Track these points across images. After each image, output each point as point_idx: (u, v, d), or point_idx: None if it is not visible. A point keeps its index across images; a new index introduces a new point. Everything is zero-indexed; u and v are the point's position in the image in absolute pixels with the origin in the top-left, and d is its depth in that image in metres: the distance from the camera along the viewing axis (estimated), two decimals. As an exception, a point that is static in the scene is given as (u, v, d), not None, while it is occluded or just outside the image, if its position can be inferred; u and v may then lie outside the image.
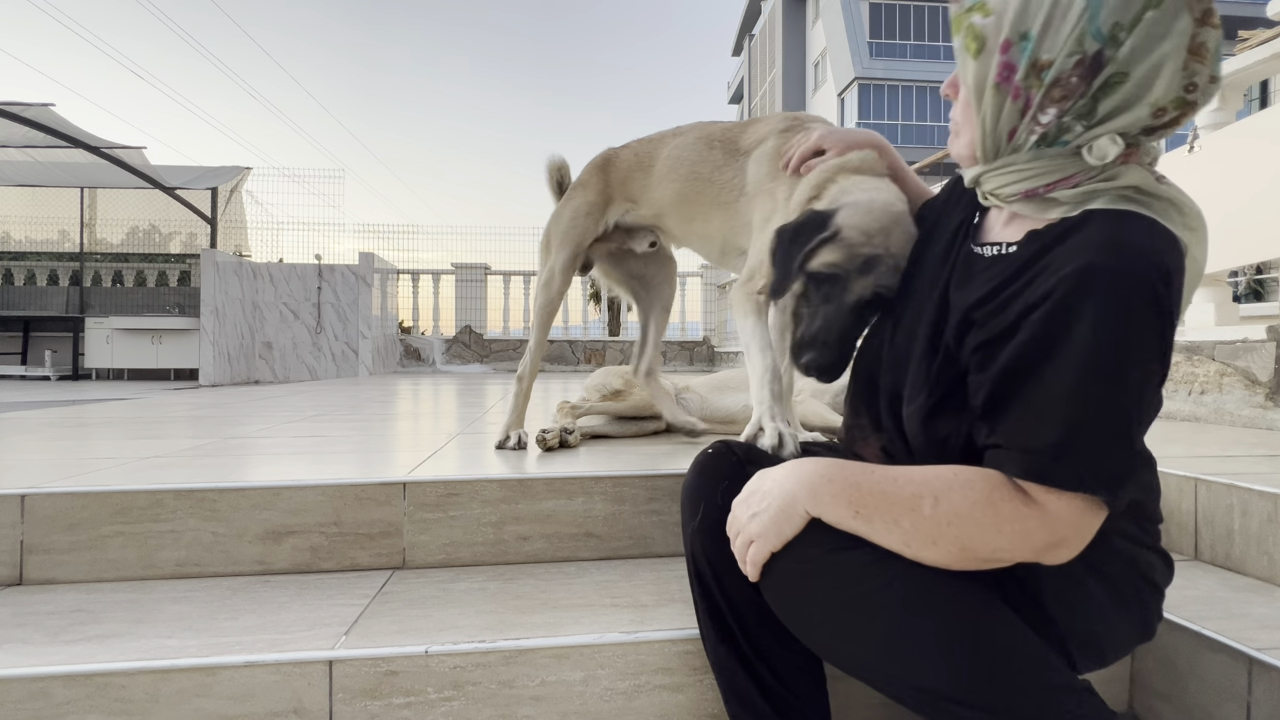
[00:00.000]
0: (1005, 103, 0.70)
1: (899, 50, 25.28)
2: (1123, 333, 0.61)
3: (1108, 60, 0.64)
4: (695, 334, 9.82)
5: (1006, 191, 0.74)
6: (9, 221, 9.12)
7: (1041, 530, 0.66)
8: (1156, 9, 0.62)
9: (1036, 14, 0.65)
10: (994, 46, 0.68)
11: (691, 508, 0.93)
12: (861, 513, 0.71)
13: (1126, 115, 0.66)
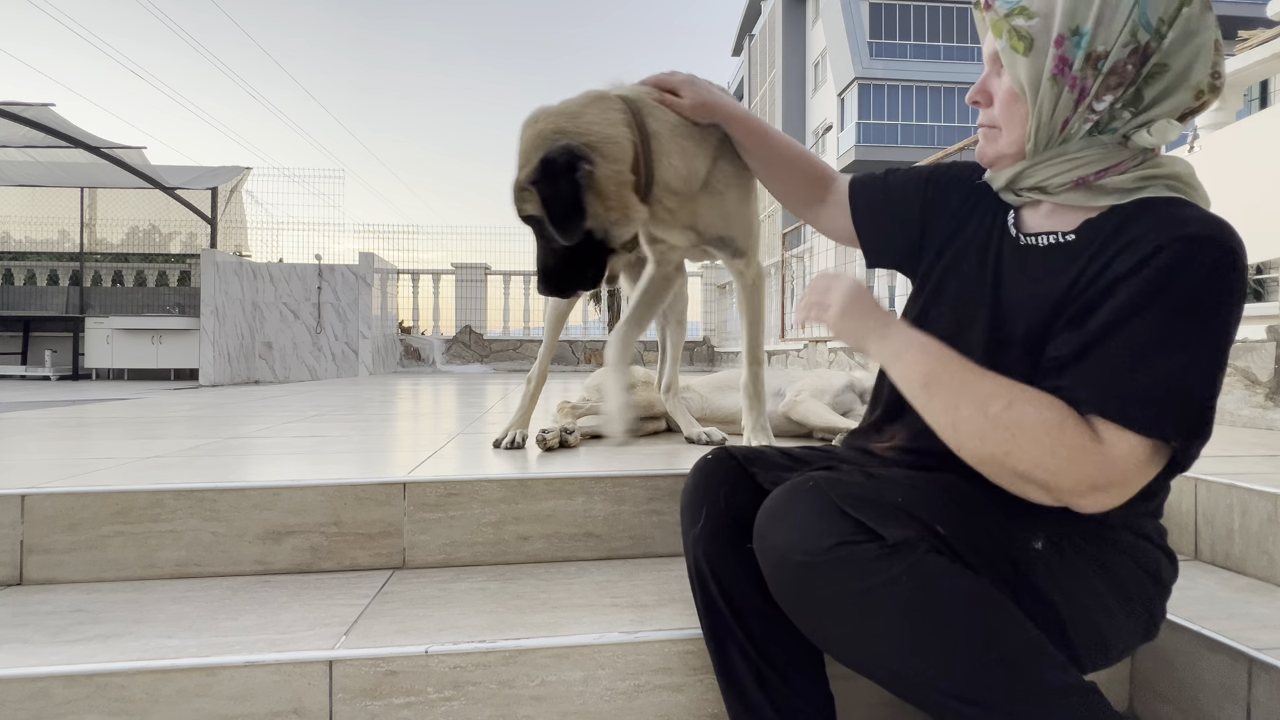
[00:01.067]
0: (1062, 93, 0.73)
1: (899, 50, 25.27)
2: (1218, 298, 0.65)
3: (1154, 51, 0.69)
4: (695, 334, 9.82)
5: (1057, 181, 0.76)
6: (9, 221, 9.12)
7: (1098, 468, 0.66)
8: (1190, 6, 0.68)
9: (1088, 11, 0.69)
10: (1045, 44, 0.72)
11: (693, 512, 0.93)
12: (931, 385, 0.72)
13: (1169, 101, 0.71)
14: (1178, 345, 0.66)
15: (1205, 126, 2.73)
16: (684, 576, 1.26)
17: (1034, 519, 0.77)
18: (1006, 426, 0.68)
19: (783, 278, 7.23)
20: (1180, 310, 0.66)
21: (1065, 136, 0.75)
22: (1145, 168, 0.73)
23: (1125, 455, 0.66)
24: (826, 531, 0.73)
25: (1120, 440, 0.66)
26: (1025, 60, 0.73)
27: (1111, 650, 0.81)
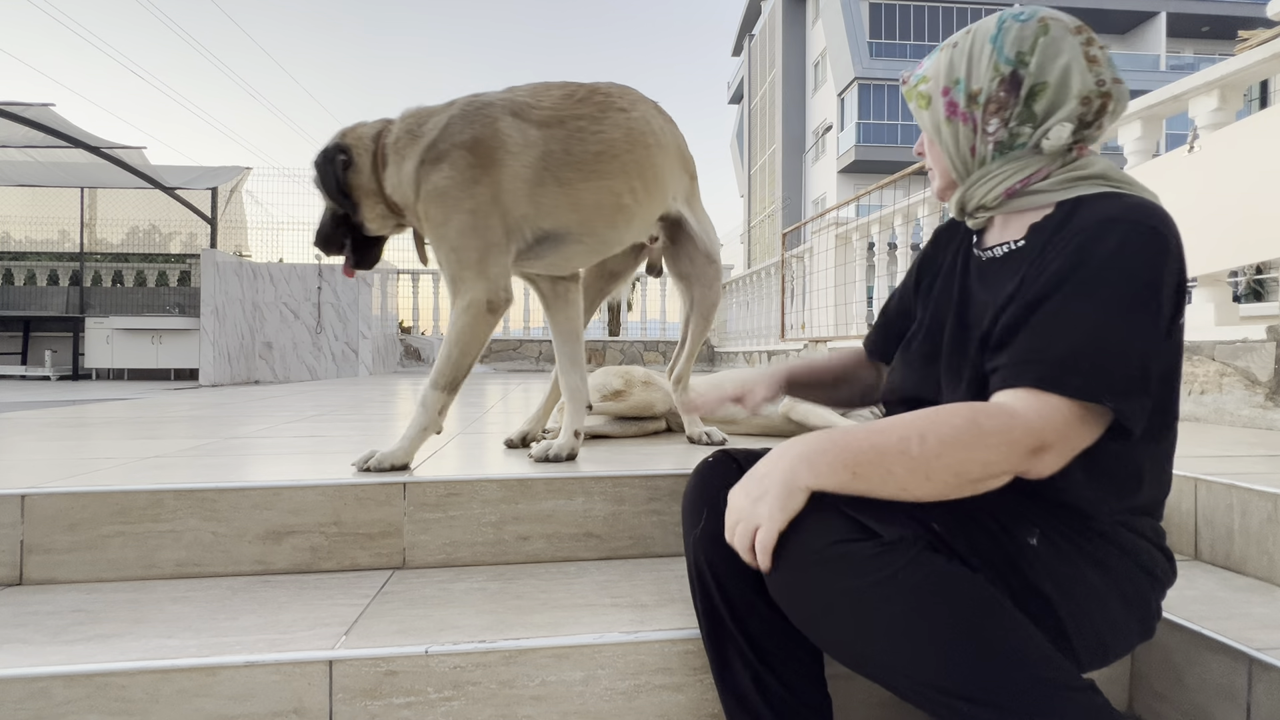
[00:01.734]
0: (959, 128, 0.86)
1: (899, 50, 25.26)
2: (1132, 267, 0.71)
3: (1024, 75, 0.80)
4: (695, 334, 9.80)
5: (990, 197, 0.85)
6: (9, 221, 9.12)
7: (1027, 434, 0.70)
8: (1046, 35, 0.80)
9: (960, 65, 0.84)
10: (937, 97, 0.87)
11: (694, 514, 0.93)
12: (859, 472, 0.73)
13: (1061, 110, 0.80)
14: (1090, 312, 0.71)
15: (1205, 126, 2.73)
16: (684, 576, 1.26)
17: (1029, 516, 0.78)
18: (936, 455, 0.71)
19: (782, 278, 7.23)
20: (1093, 282, 0.71)
21: (980, 159, 0.86)
22: (1069, 170, 0.82)
23: (1049, 416, 0.70)
24: (823, 530, 0.74)
25: (1040, 403, 0.70)
26: (927, 113, 0.89)
27: (1110, 649, 0.82)
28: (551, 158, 1.42)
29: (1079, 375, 0.69)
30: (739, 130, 36.85)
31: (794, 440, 0.78)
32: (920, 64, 0.91)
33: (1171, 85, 2.86)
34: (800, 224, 7.30)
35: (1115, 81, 0.80)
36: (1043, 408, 0.70)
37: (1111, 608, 0.79)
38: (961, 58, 0.84)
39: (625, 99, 1.56)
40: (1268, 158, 2.38)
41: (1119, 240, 0.72)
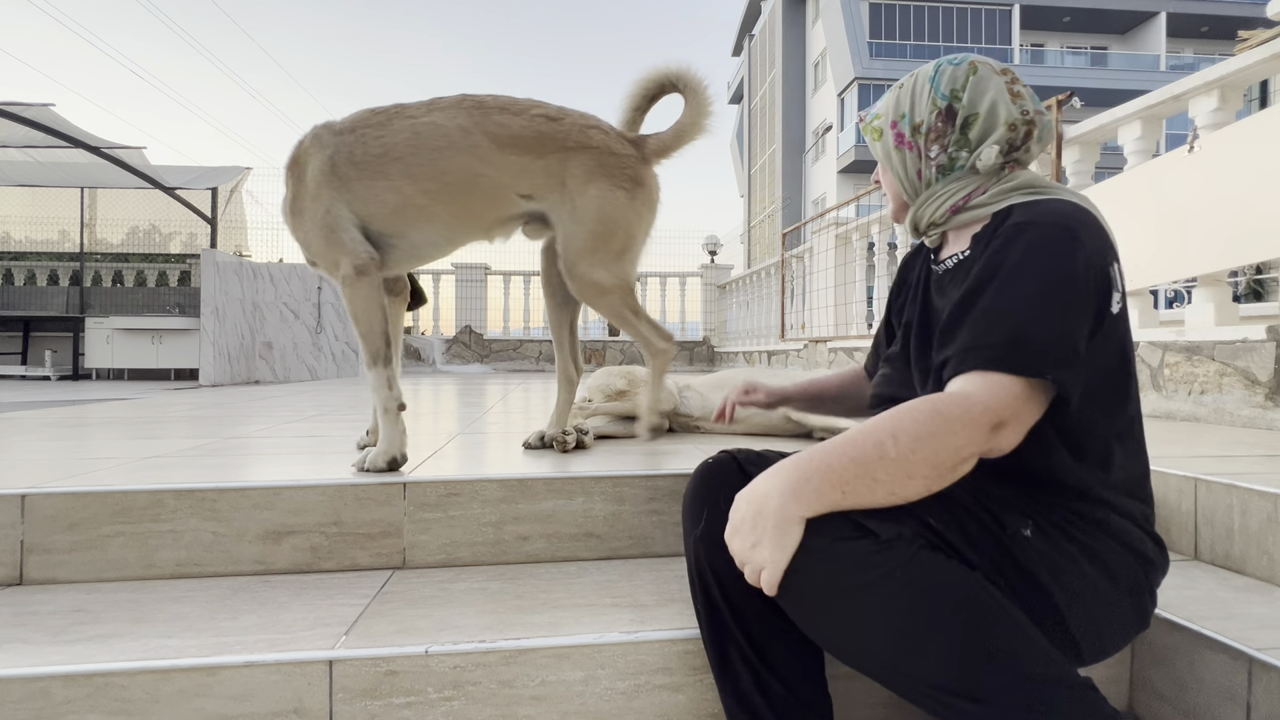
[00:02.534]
0: (906, 155, 0.97)
1: (899, 50, 25.25)
2: (1048, 260, 0.79)
3: (958, 108, 0.92)
4: (695, 334, 9.82)
5: (939, 214, 0.96)
6: (9, 221, 9.11)
7: (985, 413, 0.74)
8: (975, 75, 0.92)
9: (905, 102, 0.97)
10: (887, 130, 0.99)
11: (694, 514, 0.94)
12: (847, 489, 0.75)
13: (992, 136, 0.91)
14: (1017, 301, 0.78)
15: (1205, 127, 2.72)
16: (684, 576, 1.26)
17: (1020, 507, 0.81)
18: (912, 451, 0.74)
19: (782, 278, 7.23)
20: (1014, 275, 0.79)
21: (925, 181, 0.97)
22: (1001, 183, 0.92)
23: (1000, 393, 0.75)
24: (821, 528, 0.75)
25: (990, 383, 0.76)
26: (880, 144, 1.01)
27: (1107, 639, 0.83)
28: (338, 158, 1.54)
29: (1018, 353, 0.75)
30: (739, 130, 36.85)
31: (774, 473, 0.78)
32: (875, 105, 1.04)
33: (1171, 85, 2.86)
34: (800, 224, 7.30)
35: (1038, 113, 0.93)
36: (993, 387, 0.75)
37: (1106, 595, 0.80)
38: (906, 96, 0.97)
39: (426, 107, 1.59)
40: (1267, 158, 2.38)
41: (1030, 239, 0.80)
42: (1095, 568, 0.80)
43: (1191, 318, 2.69)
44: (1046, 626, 0.79)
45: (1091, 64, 26.29)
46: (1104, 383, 0.82)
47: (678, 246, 12.26)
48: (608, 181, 1.61)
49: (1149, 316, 3.00)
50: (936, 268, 0.99)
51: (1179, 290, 9.73)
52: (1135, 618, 0.84)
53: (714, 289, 9.84)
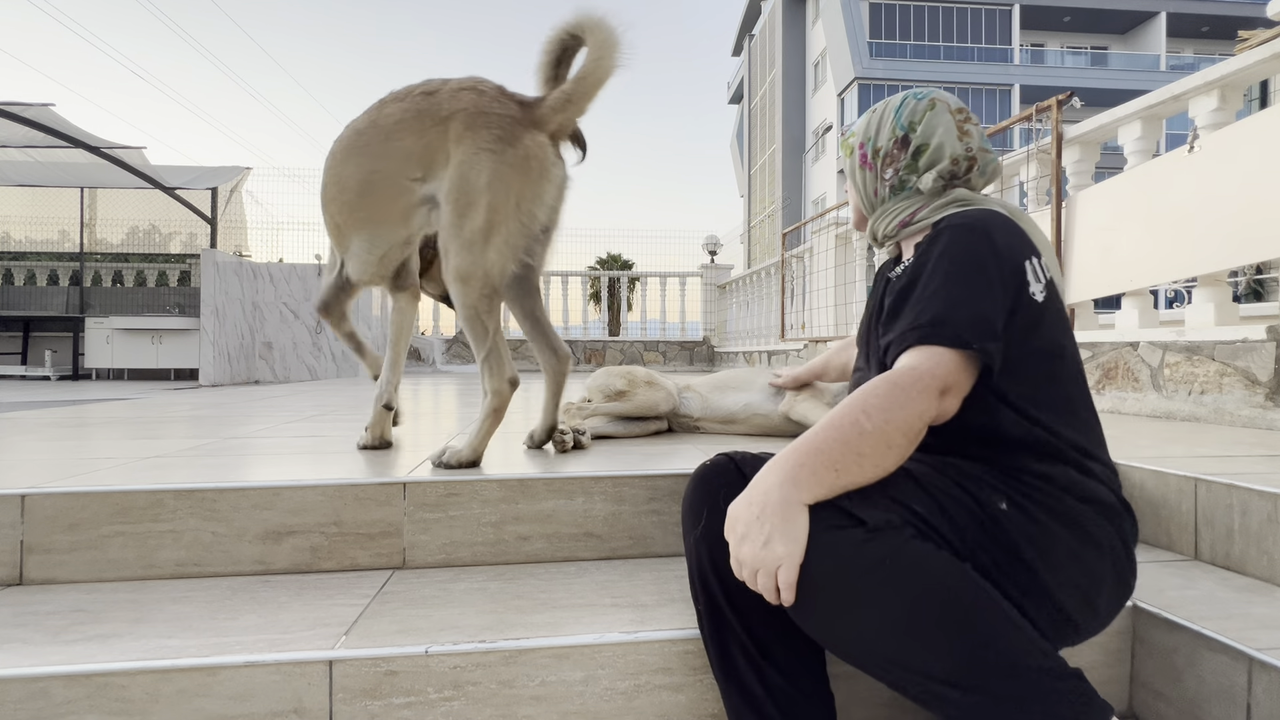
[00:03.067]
0: (866, 175, 1.11)
1: (899, 50, 25.26)
2: (962, 251, 0.90)
3: (913, 138, 1.05)
4: (695, 334, 9.82)
5: (890, 228, 1.09)
6: (9, 221, 9.11)
7: (933, 380, 0.83)
8: (932, 111, 1.06)
9: (874, 127, 1.10)
10: (856, 149, 1.13)
11: (694, 515, 0.95)
12: (839, 467, 0.80)
13: (937, 167, 1.04)
14: (941, 287, 0.88)
15: (1205, 126, 2.72)
16: (684, 576, 1.26)
17: (991, 482, 0.87)
18: (885, 422, 0.81)
19: (782, 278, 7.23)
20: (936, 270, 0.90)
21: (881, 198, 1.10)
22: (940, 199, 1.04)
23: (940, 362, 0.84)
24: (814, 518, 0.78)
25: (930, 354, 0.85)
26: (850, 160, 1.15)
27: (1099, 606, 0.87)
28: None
29: (948, 329, 0.85)
30: (739, 130, 36.84)
31: (769, 470, 0.81)
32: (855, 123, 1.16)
33: (1171, 85, 2.86)
34: (800, 224, 7.30)
35: (982, 150, 1.06)
36: (934, 357, 0.84)
37: (1087, 560, 0.85)
38: (875, 121, 1.10)
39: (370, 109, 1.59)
40: (1267, 158, 2.38)
41: (950, 239, 0.92)
42: (1071, 532, 0.85)
43: (1191, 318, 2.69)
44: (1037, 602, 0.83)
45: (1091, 64, 26.30)
46: (1040, 361, 0.90)
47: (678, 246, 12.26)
48: (472, 143, 1.39)
49: (1149, 316, 3.00)
50: (891, 276, 1.10)
51: (1179, 290, 9.73)
52: (1117, 581, 0.88)
53: (714, 289, 9.84)
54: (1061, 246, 3.37)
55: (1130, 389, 2.81)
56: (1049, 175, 3.50)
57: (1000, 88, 25.29)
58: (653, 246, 17.28)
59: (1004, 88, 25.30)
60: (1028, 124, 3.63)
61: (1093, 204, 3.24)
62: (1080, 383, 0.94)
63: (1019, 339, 0.88)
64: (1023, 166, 3.75)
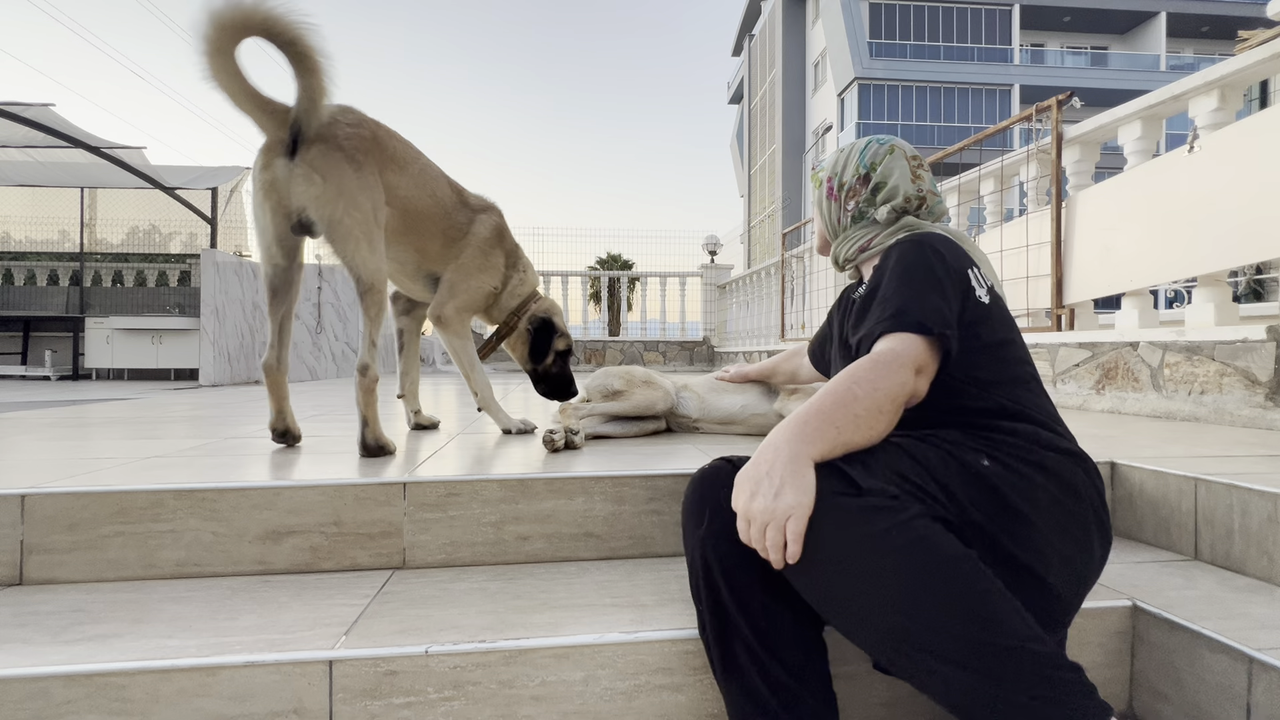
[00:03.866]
0: (832, 205, 1.28)
1: (899, 50, 25.25)
2: (911, 260, 1.04)
3: (874, 176, 1.23)
4: (695, 334, 9.82)
5: (851, 251, 1.25)
6: (9, 221, 9.12)
7: (909, 359, 0.93)
8: (891, 155, 1.23)
9: (839, 165, 1.27)
10: (824, 182, 1.29)
11: (697, 515, 0.95)
12: (838, 424, 0.88)
13: (892, 201, 1.21)
14: (899, 288, 1.01)
15: (1205, 127, 2.72)
16: (684, 576, 1.26)
17: (971, 445, 0.95)
18: (873, 390, 0.90)
19: (782, 277, 7.23)
20: (894, 277, 1.03)
21: (843, 226, 1.27)
22: (892, 227, 1.20)
23: (911, 346, 0.95)
24: (821, 482, 0.83)
25: (902, 340, 0.96)
26: (818, 191, 1.31)
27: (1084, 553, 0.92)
28: None
29: (911, 317, 0.97)
30: (739, 130, 36.83)
31: (776, 432, 0.88)
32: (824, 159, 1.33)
33: (1171, 85, 2.86)
34: (800, 224, 7.30)
35: (931, 193, 1.23)
36: (905, 341, 0.95)
37: (1069, 506, 0.92)
38: (844, 159, 1.27)
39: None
40: (1267, 158, 2.38)
41: (899, 253, 1.07)
42: (1048, 479, 0.92)
43: (1191, 318, 2.69)
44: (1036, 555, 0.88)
45: (1091, 64, 26.29)
46: (990, 350, 1.03)
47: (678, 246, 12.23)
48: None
49: (1149, 316, 3.00)
50: (855, 296, 1.27)
51: (1179, 290, 9.73)
52: (1099, 527, 0.94)
53: (714, 289, 9.84)
54: (1061, 246, 3.37)
55: (1130, 389, 2.81)
56: (1049, 175, 3.50)
57: (1000, 88, 25.29)
58: (653, 246, 17.28)
59: (1004, 88, 25.30)
60: (1028, 124, 3.63)
61: (1092, 204, 3.24)
62: (1029, 364, 1.07)
63: (969, 333, 1.01)
64: (1023, 166, 3.75)
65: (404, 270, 1.97)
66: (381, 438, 1.66)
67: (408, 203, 1.81)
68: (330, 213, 1.57)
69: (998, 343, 1.04)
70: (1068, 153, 3.44)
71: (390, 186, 1.75)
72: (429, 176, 1.88)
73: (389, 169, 1.74)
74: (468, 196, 2.04)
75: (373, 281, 1.65)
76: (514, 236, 2.15)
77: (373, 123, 1.73)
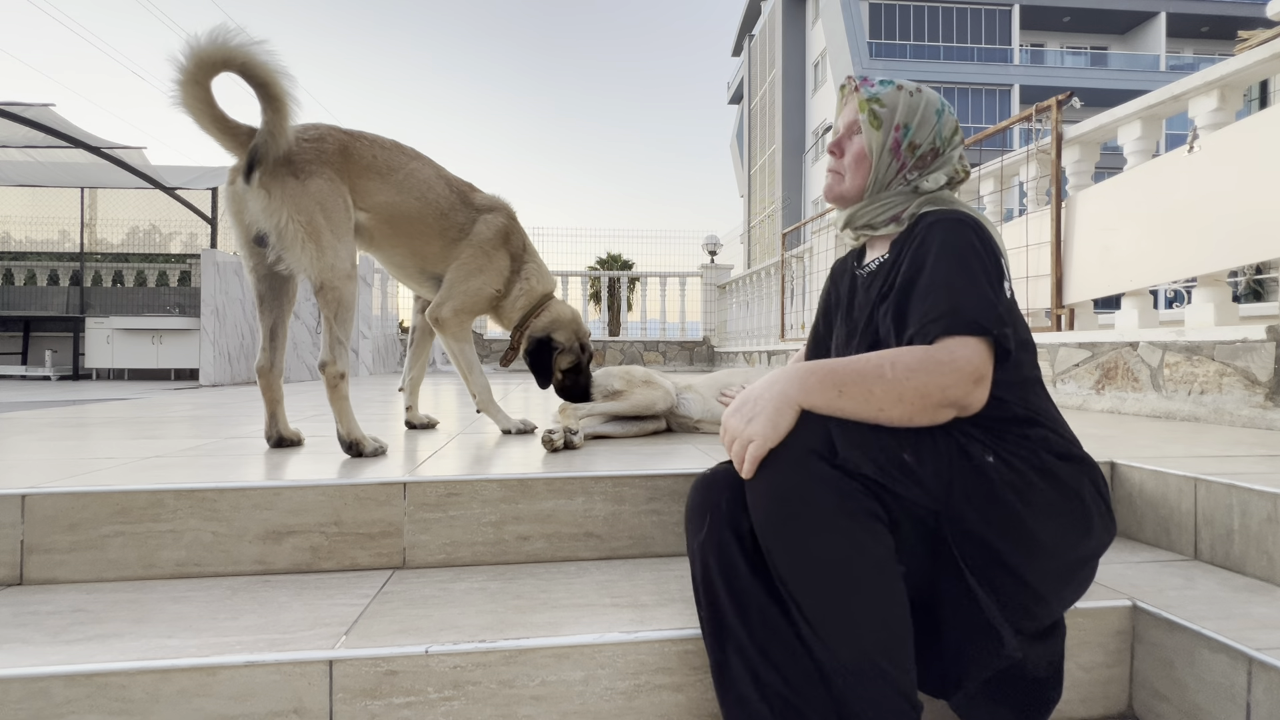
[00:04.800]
0: (891, 162, 1.10)
1: (899, 50, 25.25)
2: (959, 243, 0.96)
3: (941, 151, 1.11)
4: (695, 334, 9.82)
5: (881, 218, 1.11)
6: (9, 221, 9.11)
7: (970, 366, 0.88)
8: (956, 135, 1.12)
9: (913, 118, 1.09)
10: (889, 127, 1.10)
11: (698, 521, 0.96)
12: (844, 390, 0.88)
13: (940, 173, 1.10)
14: (953, 279, 0.93)
15: (1205, 127, 2.72)
16: (684, 576, 1.26)
17: (980, 439, 0.93)
18: (906, 378, 0.87)
19: (782, 277, 7.23)
20: (940, 259, 0.95)
21: (884, 188, 1.12)
22: (920, 196, 1.10)
23: (975, 351, 0.89)
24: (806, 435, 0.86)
25: (963, 344, 0.89)
26: (877, 134, 1.10)
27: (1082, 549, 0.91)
28: None
29: (971, 319, 0.90)
30: (739, 130, 36.83)
31: (783, 368, 0.92)
32: (872, 83, 1.13)
33: (1171, 85, 2.86)
34: (800, 224, 7.30)
35: (970, 167, 1.17)
36: (966, 347, 0.89)
37: (1067, 508, 0.91)
38: (915, 113, 1.09)
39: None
40: (1267, 158, 2.38)
41: (946, 230, 0.98)
42: (1050, 484, 0.91)
43: (1191, 318, 2.69)
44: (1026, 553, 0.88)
45: (1091, 64, 26.28)
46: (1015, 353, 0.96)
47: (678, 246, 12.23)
48: None
49: (1149, 316, 3.00)
50: (860, 272, 1.17)
51: (1179, 290, 9.73)
52: (1103, 528, 0.93)
53: (714, 289, 9.84)
54: (1061, 246, 3.37)
55: (1130, 389, 2.81)
56: (1049, 175, 3.50)
57: (1000, 88, 25.28)
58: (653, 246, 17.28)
59: (1004, 88, 25.29)
60: (1028, 124, 3.63)
61: (1092, 204, 3.24)
62: (1038, 365, 1.04)
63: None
64: (1023, 166, 3.75)
65: (404, 272, 2.00)
66: (353, 434, 1.68)
67: (391, 207, 1.84)
68: (274, 222, 1.63)
69: (1020, 343, 0.98)
70: (1067, 153, 3.44)
71: (365, 192, 1.80)
72: (417, 179, 1.90)
73: (364, 176, 1.79)
74: (474, 197, 2.04)
75: (323, 280, 1.67)
76: (529, 240, 2.13)
77: (340, 135, 1.78)
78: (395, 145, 1.89)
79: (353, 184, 1.77)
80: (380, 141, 1.86)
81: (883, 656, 0.82)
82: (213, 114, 1.59)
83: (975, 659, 0.90)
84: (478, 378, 2.07)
